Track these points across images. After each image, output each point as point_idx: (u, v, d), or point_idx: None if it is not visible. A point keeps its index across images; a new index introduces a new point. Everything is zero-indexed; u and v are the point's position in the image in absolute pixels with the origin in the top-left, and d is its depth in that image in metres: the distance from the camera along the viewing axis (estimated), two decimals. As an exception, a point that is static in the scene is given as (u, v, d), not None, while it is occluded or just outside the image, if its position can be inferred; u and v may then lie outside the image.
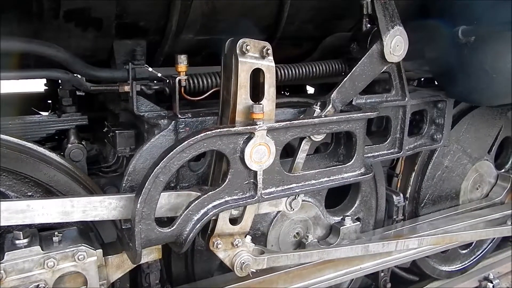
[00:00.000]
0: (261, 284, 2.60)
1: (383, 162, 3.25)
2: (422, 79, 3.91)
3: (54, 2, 2.09)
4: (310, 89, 3.97)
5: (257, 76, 2.11)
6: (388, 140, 2.83)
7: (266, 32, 2.72)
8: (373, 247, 2.88)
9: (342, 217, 3.03)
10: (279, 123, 2.15)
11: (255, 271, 2.42)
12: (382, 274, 3.41)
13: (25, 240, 1.93)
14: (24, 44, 2.09)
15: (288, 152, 2.59)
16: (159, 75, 2.34)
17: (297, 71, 2.68)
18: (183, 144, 1.94)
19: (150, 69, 2.34)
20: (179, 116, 2.29)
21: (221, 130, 2.01)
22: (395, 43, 2.50)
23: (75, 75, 2.30)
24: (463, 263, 4.08)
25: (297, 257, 2.60)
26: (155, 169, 1.90)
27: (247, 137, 2.07)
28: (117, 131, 2.40)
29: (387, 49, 2.48)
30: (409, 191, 3.56)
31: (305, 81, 3.36)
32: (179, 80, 2.24)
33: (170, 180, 2.20)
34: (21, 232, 1.92)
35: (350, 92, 2.51)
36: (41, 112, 2.81)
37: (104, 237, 2.36)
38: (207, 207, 2.09)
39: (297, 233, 2.94)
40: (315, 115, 2.38)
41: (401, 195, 3.38)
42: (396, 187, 3.58)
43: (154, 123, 2.29)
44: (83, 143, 2.51)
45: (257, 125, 2.06)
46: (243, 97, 2.07)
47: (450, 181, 3.72)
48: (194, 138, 1.95)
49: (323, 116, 2.36)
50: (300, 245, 2.91)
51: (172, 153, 1.92)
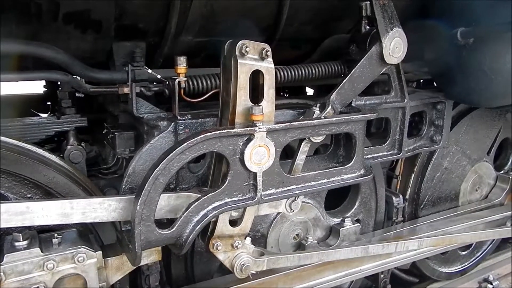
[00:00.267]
0: (261, 286, 2.60)
1: (382, 164, 3.25)
2: (421, 80, 3.92)
3: (53, 4, 2.09)
4: (310, 91, 3.97)
5: (256, 77, 2.11)
6: (388, 142, 2.83)
7: (265, 33, 2.73)
8: (373, 248, 2.88)
9: (341, 218, 3.03)
10: (279, 124, 2.14)
11: (255, 272, 2.41)
12: (382, 275, 3.41)
13: (25, 242, 1.92)
14: (23, 46, 2.10)
15: (287, 153, 2.59)
16: (159, 76, 2.34)
17: (297, 73, 2.68)
18: (182, 145, 1.93)
19: (150, 70, 2.35)
20: (179, 117, 2.29)
21: (221, 131, 2.01)
22: (394, 45, 2.50)
23: (75, 76, 2.30)
24: (463, 265, 4.07)
25: (297, 259, 2.60)
26: (155, 171, 1.89)
27: (246, 138, 2.07)
28: (116, 133, 2.41)
29: (386, 50, 2.49)
30: (408, 192, 3.55)
31: (304, 82, 3.37)
32: (179, 82, 2.24)
33: (169, 181, 2.20)
34: (20, 234, 1.92)
35: (350, 94, 2.52)
36: (40, 114, 2.82)
37: (103, 239, 2.36)
38: (207, 208, 2.08)
39: (297, 234, 2.94)
40: (314, 116, 2.38)
41: (401, 196, 3.38)
42: (395, 188, 3.58)
43: (153, 124, 2.29)
44: (82, 144, 2.52)
45: (256, 126, 2.05)
46: (242, 98, 2.07)
47: (450, 182, 3.72)
48: (193, 139, 1.94)
49: (322, 117, 2.36)
50: (300, 246, 2.91)
51: (171, 154, 1.92)
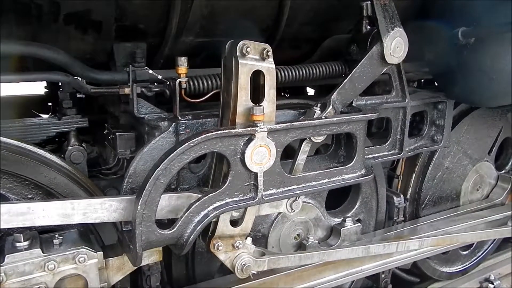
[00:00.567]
0: (262, 286, 2.60)
1: (383, 163, 3.25)
2: (422, 80, 3.91)
3: (54, 5, 2.09)
4: (311, 91, 3.97)
5: (257, 78, 2.11)
6: (389, 142, 2.83)
7: (266, 34, 2.73)
8: (374, 248, 2.87)
9: (342, 218, 3.03)
10: (280, 124, 2.14)
11: (256, 272, 2.41)
12: (383, 275, 3.41)
13: (26, 243, 1.92)
14: (24, 47, 2.10)
15: (288, 153, 2.59)
16: (159, 77, 2.34)
17: (297, 73, 2.68)
18: (183, 146, 1.93)
19: (150, 71, 2.34)
20: (180, 118, 2.28)
21: (222, 132, 2.01)
22: (395, 45, 2.50)
23: (75, 77, 2.31)
24: (464, 264, 4.07)
25: (297, 259, 2.60)
26: (156, 171, 1.89)
27: (247, 138, 2.07)
28: (117, 133, 2.40)
29: (387, 50, 2.48)
30: (409, 192, 3.56)
31: (305, 82, 3.37)
32: (179, 82, 2.24)
33: (170, 182, 2.19)
34: (21, 235, 1.91)
35: (350, 94, 2.52)
36: (41, 115, 2.82)
37: (104, 239, 2.36)
38: (208, 209, 2.08)
39: (297, 234, 2.94)
40: (315, 116, 2.38)
41: (402, 196, 3.38)
42: (396, 188, 3.58)
43: (154, 125, 2.29)
44: (83, 145, 2.52)
45: (257, 126, 2.05)
46: (243, 99, 2.07)
47: (451, 182, 3.72)
48: (194, 140, 1.94)
49: (323, 117, 2.36)
50: (301, 246, 2.91)
51: (172, 155, 1.92)
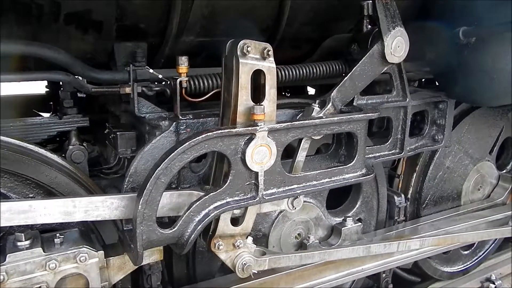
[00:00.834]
0: (263, 285, 2.60)
1: (384, 163, 3.24)
2: (423, 80, 3.91)
3: (54, 5, 2.09)
4: (311, 90, 3.97)
5: (258, 77, 2.11)
6: (389, 141, 2.83)
7: (266, 33, 2.73)
8: (374, 248, 2.87)
9: (343, 218, 3.02)
10: (280, 124, 2.14)
11: (256, 272, 2.42)
12: (384, 275, 3.40)
13: (27, 242, 1.93)
14: (25, 47, 2.10)
15: (289, 153, 2.59)
16: (160, 76, 2.34)
17: (298, 72, 2.68)
18: (184, 145, 1.93)
19: (151, 70, 2.35)
20: (180, 117, 2.29)
21: (222, 131, 2.01)
22: (396, 44, 2.50)
23: (76, 77, 2.31)
24: (465, 264, 4.06)
25: (298, 258, 2.60)
26: (156, 171, 1.90)
27: (248, 138, 2.07)
28: (118, 133, 2.40)
29: (388, 49, 2.48)
30: (410, 191, 3.55)
31: (306, 82, 3.37)
32: (180, 82, 2.24)
33: (171, 181, 2.19)
34: (22, 234, 1.92)
35: (350, 92, 2.51)
36: (42, 114, 2.82)
37: (105, 238, 2.36)
38: (209, 208, 2.08)
39: (298, 234, 2.93)
40: (313, 113, 2.37)
41: (403, 195, 3.37)
42: (397, 187, 3.57)
43: (155, 124, 2.29)
44: (84, 144, 2.52)
45: (258, 126, 2.05)
46: (244, 98, 2.07)
47: (452, 181, 3.72)
48: (195, 139, 1.94)
49: (323, 116, 2.36)
50: (302, 246, 2.90)
51: (173, 154, 1.92)
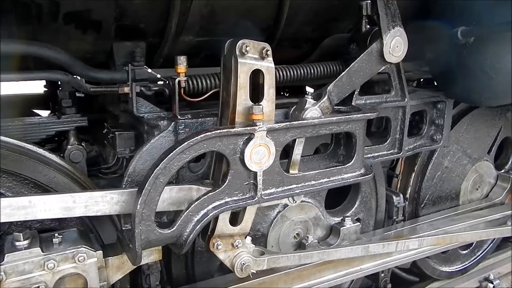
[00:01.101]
0: (262, 285, 2.60)
1: (383, 163, 3.25)
2: (422, 79, 3.91)
3: (53, 4, 2.09)
4: (310, 91, 3.96)
5: (256, 77, 2.11)
6: (388, 141, 2.83)
7: (265, 33, 2.73)
8: (373, 247, 2.87)
9: (342, 217, 3.02)
10: (279, 124, 2.14)
11: (255, 272, 2.42)
12: (383, 274, 3.41)
13: (25, 242, 1.92)
14: (24, 46, 2.11)
15: (287, 153, 2.59)
16: (159, 76, 2.34)
17: (297, 72, 2.68)
18: (183, 145, 1.93)
19: (150, 70, 2.35)
20: (179, 117, 2.29)
21: (221, 131, 2.01)
22: (395, 44, 2.50)
23: (75, 76, 2.31)
24: (463, 264, 4.07)
25: (297, 258, 2.60)
26: (155, 170, 1.90)
27: (247, 138, 2.07)
28: (116, 133, 2.40)
29: (386, 48, 2.48)
30: (409, 191, 3.56)
31: (304, 82, 3.37)
32: (179, 81, 2.24)
33: (170, 181, 2.19)
34: (21, 234, 1.92)
35: (347, 87, 2.50)
36: (41, 114, 2.82)
37: (104, 238, 2.36)
38: (207, 208, 2.08)
39: (297, 234, 2.93)
40: (306, 105, 2.33)
41: (401, 195, 3.38)
42: (396, 187, 3.58)
43: (153, 124, 2.29)
44: (82, 144, 2.52)
45: (256, 126, 2.05)
46: (242, 98, 2.07)
47: (450, 181, 3.72)
48: (194, 139, 1.95)
49: (318, 107, 2.34)
50: (300, 246, 2.90)
51: (172, 154, 1.92)
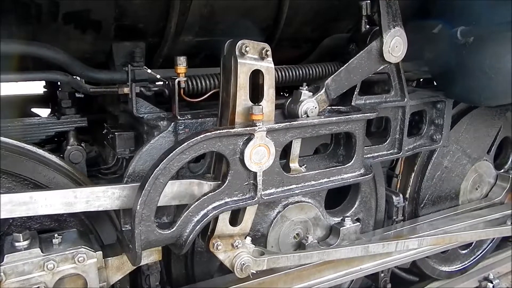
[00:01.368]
0: (261, 285, 2.60)
1: (382, 163, 3.25)
2: (421, 79, 3.92)
3: (53, 4, 2.09)
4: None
5: (256, 77, 2.11)
6: (388, 141, 2.84)
7: (265, 33, 2.73)
8: (373, 247, 2.87)
9: (342, 218, 3.03)
10: (279, 124, 2.14)
11: (255, 272, 2.42)
12: (382, 274, 3.41)
13: (25, 242, 1.92)
14: (24, 46, 2.10)
15: (287, 153, 2.59)
16: (158, 76, 2.34)
17: (296, 73, 2.68)
18: (182, 145, 1.93)
19: (149, 70, 2.35)
20: (179, 117, 2.28)
21: (221, 131, 2.01)
22: (394, 43, 2.50)
23: (74, 77, 2.30)
24: (463, 263, 4.07)
25: (297, 258, 2.60)
26: (155, 171, 1.89)
27: (246, 138, 2.07)
28: (116, 133, 2.40)
29: (386, 47, 2.48)
30: (408, 191, 3.56)
31: (304, 82, 3.37)
32: (179, 82, 2.24)
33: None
34: (20, 235, 1.92)
35: (345, 83, 2.48)
36: (40, 114, 2.82)
37: (103, 239, 2.36)
38: (207, 208, 2.08)
39: (297, 234, 2.94)
40: (302, 97, 2.32)
41: (401, 195, 3.38)
42: (395, 187, 3.58)
43: (153, 124, 2.28)
44: (82, 145, 2.52)
45: (256, 126, 2.05)
46: (242, 98, 2.07)
47: (450, 181, 3.72)
48: (193, 139, 1.94)
49: (314, 100, 2.33)
50: (300, 246, 2.90)
51: (171, 154, 1.92)
